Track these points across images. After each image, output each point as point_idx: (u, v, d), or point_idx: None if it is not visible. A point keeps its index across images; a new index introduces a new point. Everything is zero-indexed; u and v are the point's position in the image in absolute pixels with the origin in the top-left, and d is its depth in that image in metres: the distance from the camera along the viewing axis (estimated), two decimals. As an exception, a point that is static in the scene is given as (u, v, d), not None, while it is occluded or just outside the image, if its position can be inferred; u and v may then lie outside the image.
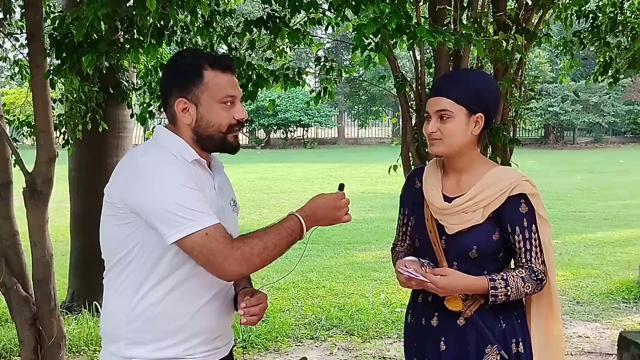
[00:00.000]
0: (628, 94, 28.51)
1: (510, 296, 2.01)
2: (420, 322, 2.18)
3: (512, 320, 2.10)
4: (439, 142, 2.07)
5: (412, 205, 2.25)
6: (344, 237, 9.78)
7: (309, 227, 1.86)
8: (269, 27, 3.50)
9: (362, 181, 16.95)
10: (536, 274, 2.05)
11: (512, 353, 2.07)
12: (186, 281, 1.83)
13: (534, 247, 2.06)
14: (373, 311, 5.89)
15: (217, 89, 1.86)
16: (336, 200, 1.90)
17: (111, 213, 1.84)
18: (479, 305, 2.07)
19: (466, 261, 2.07)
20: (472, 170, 2.12)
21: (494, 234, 2.06)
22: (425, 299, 2.17)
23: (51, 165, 3.75)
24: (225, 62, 1.90)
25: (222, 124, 1.88)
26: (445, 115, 2.05)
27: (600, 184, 15.88)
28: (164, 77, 1.95)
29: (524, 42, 3.54)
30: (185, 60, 1.88)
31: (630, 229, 9.95)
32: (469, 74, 2.30)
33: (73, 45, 3.38)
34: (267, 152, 28.56)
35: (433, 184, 2.16)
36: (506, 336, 2.07)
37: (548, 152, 26.48)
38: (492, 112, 2.13)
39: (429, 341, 2.14)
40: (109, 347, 1.88)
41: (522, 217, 2.05)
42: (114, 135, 5.80)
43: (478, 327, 2.07)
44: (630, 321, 5.69)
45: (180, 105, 1.86)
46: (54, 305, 3.81)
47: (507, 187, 2.05)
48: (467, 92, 2.06)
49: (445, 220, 2.10)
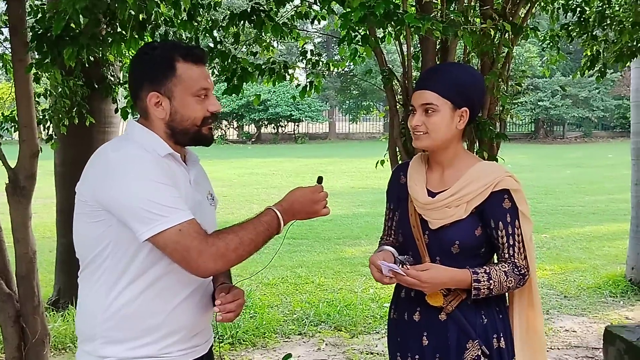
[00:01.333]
0: (617, 88, 28.67)
1: (492, 290, 2.01)
2: (403, 317, 2.18)
3: (493, 315, 2.09)
4: (423, 136, 2.06)
5: (397, 200, 2.24)
6: (333, 232, 9.78)
7: (287, 221, 1.82)
8: (253, 20, 3.47)
9: (352, 176, 16.96)
10: (519, 269, 2.04)
11: (493, 348, 2.06)
12: (162, 278, 1.79)
13: (516, 242, 2.04)
14: (361, 307, 5.88)
15: (191, 82, 1.82)
16: (314, 193, 1.86)
17: (83, 211, 1.80)
18: (460, 301, 2.06)
19: (448, 256, 2.06)
20: (456, 165, 2.11)
21: (477, 229, 2.05)
22: (408, 294, 2.17)
23: (34, 160, 3.70)
24: (198, 53, 1.86)
25: (196, 117, 1.84)
26: (430, 109, 2.04)
27: (589, 178, 15.96)
28: (133, 70, 1.89)
29: (511, 36, 3.52)
30: (156, 53, 1.83)
31: (617, 224, 9.99)
32: (455, 67, 2.27)
33: (54, 38, 3.33)
34: (258, 147, 28.52)
35: (417, 178, 2.15)
36: (487, 331, 2.07)
37: (538, 147, 26.58)
38: (476, 107, 2.12)
39: (412, 336, 2.14)
40: (85, 346, 1.85)
41: (506, 212, 2.04)
42: (99, 130, 5.74)
43: (459, 322, 2.06)
44: (617, 315, 5.71)
45: (153, 99, 1.82)
46: (37, 302, 3.77)
47: (491, 182, 2.03)
48: (452, 86, 2.04)
49: (428, 215, 2.09)
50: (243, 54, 4.09)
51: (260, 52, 4.01)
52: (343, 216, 10.82)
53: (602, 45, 4.81)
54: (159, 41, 2.25)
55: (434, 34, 2.77)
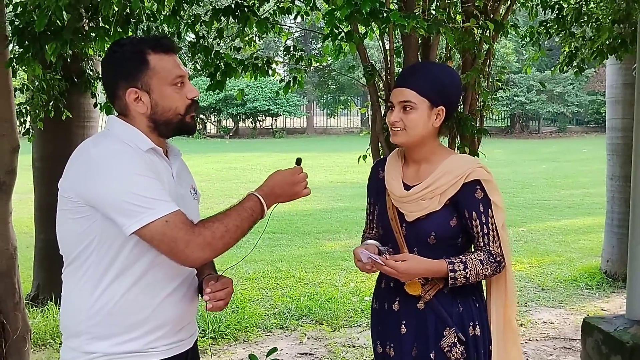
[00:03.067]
0: (591, 84, 29.03)
1: (469, 278, 2.08)
2: (384, 307, 2.27)
3: (469, 304, 2.18)
4: (401, 132, 2.13)
5: (377, 194, 2.33)
6: (313, 226, 9.80)
7: (270, 204, 1.84)
8: (237, 15, 3.47)
9: (331, 170, 16.98)
10: (494, 256, 2.11)
11: (469, 336, 2.16)
12: (147, 273, 1.80)
13: (490, 231, 2.12)
14: (342, 300, 5.92)
15: (166, 72, 1.83)
16: (294, 175, 1.88)
17: (66, 207, 1.79)
18: (437, 290, 2.14)
19: (425, 247, 2.14)
20: (431, 160, 2.19)
21: (451, 220, 2.13)
22: (388, 284, 2.26)
23: (14, 155, 3.66)
24: (166, 43, 1.86)
25: (178, 106, 1.85)
26: (409, 106, 2.11)
27: (564, 172, 16.19)
28: (106, 69, 1.88)
29: (492, 33, 3.57)
30: (126, 49, 1.83)
31: (592, 217, 10.17)
32: (434, 67, 2.37)
33: (36, 33, 3.29)
34: (236, 141, 28.39)
35: (393, 173, 2.23)
36: (463, 319, 2.16)
37: (514, 142, 26.87)
38: (453, 106, 2.21)
39: (391, 325, 2.22)
40: (70, 343, 1.84)
41: (478, 202, 2.12)
42: (79, 124, 5.69)
43: (437, 311, 2.15)
44: (593, 307, 5.83)
45: (132, 95, 1.82)
46: (18, 299, 3.74)
47: (462, 174, 2.11)
48: (431, 85, 2.12)
49: (404, 207, 2.17)
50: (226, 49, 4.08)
51: (243, 47, 4.01)
52: (322, 210, 10.85)
53: (580, 42, 4.89)
54: (125, 37, 2.24)
55: (417, 32, 2.80)
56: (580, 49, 4.91)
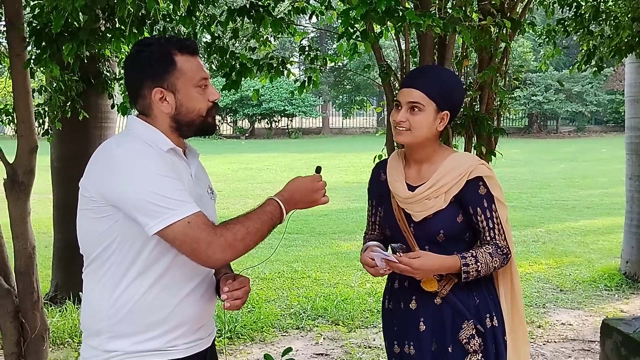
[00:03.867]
0: (610, 83, 28.69)
1: (480, 271, 2.13)
2: (399, 306, 2.27)
3: (484, 296, 2.21)
4: (405, 132, 2.16)
5: (379, 197, 2.36)
6: (329, 227, 9.79)
7: (289, 210, 1.86)
8: (252, 15, 3.47)
9: (346, 171, 16.97)
10: (501, 249, 2.17)
11: (487, 327, 2.18)
12: (168, 272, 1.81)
13: (495, 225, 2.17)
14: (358, 301, 5.91)
15: (191, 74, 1.85)
16: (313, 182, 1.91)
17: (88, 207, 1.80)
18: (453, 284, 2.18)
19: (435, 244, 2.18)
20: (432, 159, 2.23)
21: (458, 217, 2.17)
22: (402, 283, 2.27)
23: (32, 156, 3.69)
24: (192, 45, 1.89)
25: (201, 108, 1.87)
26: (417, 107, 2.14)
27: (583, 172, 16.03)
28: (131, 68, 1.89)
29: (509, 31, 3.53)
30: (153, 49, 1.84)
31: (612, 217, 10.05)
32: (443, 72, 2.39)
33: (53, 34, 3.32)
34: (252, 142, 28.48)
35: (396, 175, 2.26)
36: (480, 311, 2.19)
37: (531, 141, 26.66)
38: (456, 112, 2.25)
39: (409, 324, 2.23)
40: (90, 341, 1.85)
41: (482, 198, 2.16)
42: (96, 125, 5.74)
43: (454, 305, 2.18)
44: (612, 308, 5.76)
45: (158, 95, 1.83)
46: (36, 298, 3.77)
47: (465, 171, 2.15)
48: (439, 89, 2.15)
49: (410, 208, 2.20)
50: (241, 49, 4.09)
51: (259, 47, 4.01)
52: (338, 211, 10.83)
53: (598, 40, 4.83)
54: (149, 37, 2.25)
55: (433, 30, 2.78)
56: (598, 47, 4.85)
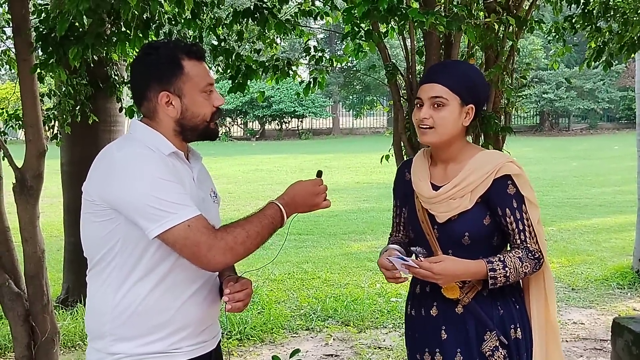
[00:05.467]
0: (622, 79, 28.50)
1: (509, 277, 1.99)
2: (420, 313, 2.17)
3: (509, 306, 2.08)
4: (430, 131, 2.05)
5: (404, 196, 2.25)
6: (339, 227, 9.78)
7: (289, 214, 1.86)
8: (256, 17, 3.47)
9: (357, 171, 16.95)
10: (532, 253, 2.02)
11: (511, 339, 2.06)
12: (170, 274, 1.81)
13: (526, 227, 2.03)
14: (368, 301, 5.89)
15: (198, 79, 1.85)
16: (314, 186, 1.90)
17: (90, 210, 1.81)
18: (476, 292, 2.06)
19: (460, 248, 2.05)
20: (458, 158, 2.11)
21: (485, 219, 2.05)
22: (424, 289, 2.16)
23: (41, 160, 3.72)
24: (200, 50, 1.89)
25: (206, 113, 1.87)
26: (440, 103, 2.03)
27: (595, 170, 15.90)
28: (138, 71, 1.90)
29: (515, 29, 3.51)
30: (161, 52, 1.85)
31: (624, 215, 9.96)
32: (463, 65, 2.28)
33: (58, 38, 3.34)
34: (262, 143, 28.52)
35: (421, 174, 2.15)
36: (504, 322, 2.06)
37: (543, 139, 26.51)
38: (481, 105, 2.13)
39: (430, 331, 2.13)
40: (95, 344, 1.87)
41: (511, 198, 2.03)
42: (105, 129, 5.77)
43: (476, 314, 2.06)
44: (624, 307, 5.70)
45: (164, 99, 1.84)
46: (46, 301, 3.79)
47: (492, 170, 2.03)
48: (462, 82, 2.05)
49: (434, 209, 2.09)
50: (246, 51, 4.10)
51: (264, 49, 4.02)
52: (348, 211, 10.82)
53: (607, 36, 4.79)
54: (157, 40, 2.25)
55: (437, 29, 2.76)
56: (607, 43, 4.81)
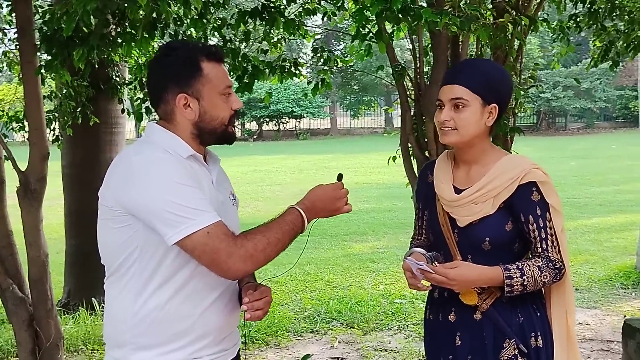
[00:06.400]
0: (619, 79, 28.59)
1: (527, 286, 1.95)
2: (438, 318, 2.14)
3: (530, 314, 2.03)
4: (452, 132, 2.01)
5: (426, 199, 2.20)
6: (340, 228, 9.74)
7: (310, 219, 1.80)
8: (264, 17, 3.43)
9: (356, 171, 16.92)
10: (553, 263, 1.98)
11: (531, 347, 2.01)
12: (190, 281, 1.77)
13: (549, 235, 1.99)
14: (372, 303, 5.85)
15: (217, 81, 1.81)
16: (335, 190, 1.86)
17: (108, 216, 1.76)
18: (495, 299, 2.01)
19: (480, 253, 2.01)
20: (482, 161, 2.06)
21: (507, 224, 2.00)
22: (442, 294, 2.12)
23: (44, 163, 3.68)
24: (219, 52, 1.85)
25: (224, 116, 1.83)
26: (461, 104, 1.99)
27: (594, 169, 15.90)
28: (155, 72, 1.85)
29: (524, 29, 3.49)
30: (180, 53, 1.80)
31: (625, 214, 9.96)
32: (483, 63, 2.24)
33: (63, 40, 3.30)
34: (260, 144, 28.47)
35: (443, 177, 2.11)
36: (524, 330, 2.01)
37: (540, 139, 26.51)
38: (505, 103, 2.07)
39: (445, 337, 2.09)
40: (114, 353, 1.82)
41: (535, 205, 1.99)
42: (106, 130, 5.73)
43: (495, 321, 2.01)
44: (630, 307, 5.68)
45: (182, 101, 1.79)
46: (50, 306, 3.75)
47: (517, 175, 1.98)
48: (482, 82, 2.00)
49: (455, 212, 2.05)
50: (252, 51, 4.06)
51: (271, 49, 3.98)
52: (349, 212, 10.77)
53: (613, 35, 4.77)
54: (175, 41, 2.21)
55: (450, 29, 2.73)
56: (614, 42, 4.79)
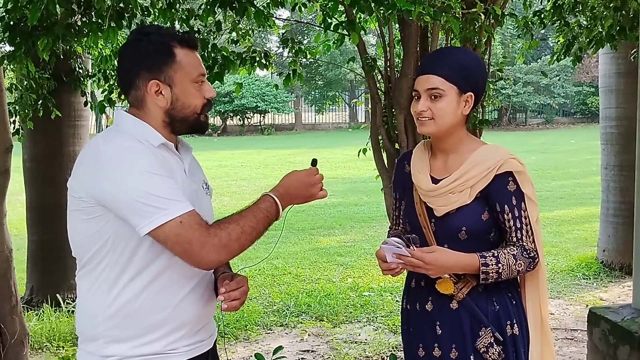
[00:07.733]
0: (577, 75, 29.18)
1: (501, 274, 1.97)
2: (415, 307, 2.14)
3: (505, 302, 2.05)
4: (429, 122, 2.02)
5: (403, 189, 2.21)
6: (307, 222, 9.74)
7: (285, 206, 1.78)
8: (234, 7, 3.39)
9: (321, 166, 16.43)
10: (527, 252, 2.01)
11: (507, 335, 2.04)
12: (165, 272, 1.73)
13: (524, 225, 2.01)
14: (341, 296, 5.88)
15: (190, 68, 1.77)
16: (309, 176, 1.84)
17: (77, 208, 1.71)
18: (471, 288, 2.03)
19: (456, 243, 2.02)
20: (459, 150, 2.07)
21: (483, 214, 2.02)
22: (419, 283, 2.13)
23: (7, 156, 3.59)
24: (193, 39, 1.81)
25: (197, 104, 1.79)
26: (437, 94, 2.00)
27: (554, 164, 16.23)
28: (127, 57, 1.80)
29: (492, 22, 3.53)
30: (153, 38, 1.76)
31: (585, 207, 10.20)
32: (459, 52, 2.24)
33: (27, 29, 3.21)
34: (224, 139, 28.24)
35: (420, 166, 2.12)
36: (500, 318, 2.03)
37: (502, 134, 26.93)
38: (481, 92, 2.09)
39: (425, 326, 2.10)
40: (87, 347, 1.77)
41: (511, 195, 2.01)
42: (69, 123, 5.61)
43: (471, 310, 2.02)
44: (592, 297, 5.82)
45: (153, 88, 1.75)
46: (15, 302, 3.67)
47: (493, 165, 1.99)
48: (458, 70, 2.00)
49: (432, 202, 2.05)
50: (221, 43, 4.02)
51: (240, 40, 3.94)
52: (315, 206, 10.76)
53: (576, 31, 4.86)
54: (148, 26, 2.15)
55: (423, 19, 2.74)
56: (577, 37, 4.88)
